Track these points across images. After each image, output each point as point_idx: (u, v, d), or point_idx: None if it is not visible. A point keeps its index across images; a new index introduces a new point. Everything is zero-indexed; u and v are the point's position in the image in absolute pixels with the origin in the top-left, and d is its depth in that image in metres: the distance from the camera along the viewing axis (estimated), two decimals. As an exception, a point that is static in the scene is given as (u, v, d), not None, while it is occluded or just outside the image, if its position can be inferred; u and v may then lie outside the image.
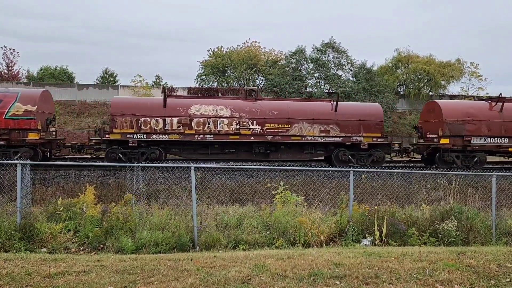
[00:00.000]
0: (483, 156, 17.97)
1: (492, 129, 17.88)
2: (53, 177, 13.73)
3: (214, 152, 17.35)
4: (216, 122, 16.75)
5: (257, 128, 16.89)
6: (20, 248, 6.74)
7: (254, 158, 17.57)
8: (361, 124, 17.54)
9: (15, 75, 41.24)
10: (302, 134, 17.15)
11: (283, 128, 17.08)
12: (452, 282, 5.19)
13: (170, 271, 5.40)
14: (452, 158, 17.70)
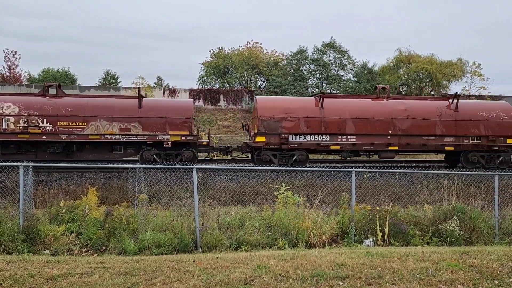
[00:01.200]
0: (303, 154, 16.70)
1: (311, 126, 16.69)
2: (56, 179, 13.75)
3: (8, 152, 16.00)
4: (1, 120, 15.50)
5: (48, 127, 15.72)
6: (23, 250, 6.76)
7: (56, 158, 16.42)
8: (167, 121, 16.29)
9: (17, 78, 41.38)
10: (100, 132, 15.93)
11: (78, 127, 15.88)
12: (455, 282, 5.17)
13: (173, 273, 5.40)
14: (269, 157, 16.56)
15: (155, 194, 10.95)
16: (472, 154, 17.27)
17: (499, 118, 17.49)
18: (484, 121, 17.39)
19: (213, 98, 36.66)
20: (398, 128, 16.95)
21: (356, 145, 16.83)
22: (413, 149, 17.57)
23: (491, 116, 17.49)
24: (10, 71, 41.34)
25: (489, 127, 17.39)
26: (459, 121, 17.25)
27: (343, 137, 16.83)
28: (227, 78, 40.31)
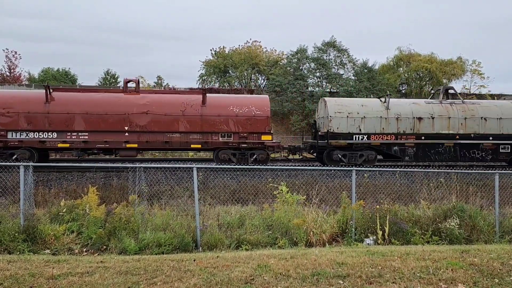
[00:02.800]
0: (24, 154, 15.41)
1: (33, 123, 15.47)
2: (56, 179, 13.75)
3: None
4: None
5: None
6: (23, 250, 6.76)
7: None
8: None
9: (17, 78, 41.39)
10: None
11: None
12: (455, 280, 5.18)
13: (173, 272, 5.40)
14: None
15: (155, 193, 10.95)
16: (222, 152, 16.62)
17: (251, 114, 16.69)
18: (234, 116, 16.56)
19: (213, 97, 36.58)
20: (136, 125, 15.97)
21: (88, 143, 15.80)
22: (155, 146, 16.55)
23: (243, 112, 16.67)
24: (10, 71, 41.33)
25: (240, 123, 16.59)
26: (206, 116, 16.32)
27: (73, 134, 15.75)
28: (227, 77, 40.29)
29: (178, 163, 17.37)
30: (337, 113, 17.56)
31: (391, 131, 17.72)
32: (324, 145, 17.66)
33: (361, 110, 17.68)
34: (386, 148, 17.74)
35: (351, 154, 17.42)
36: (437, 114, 18.03)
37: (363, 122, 17.58)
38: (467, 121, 18.07)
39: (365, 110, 17.71)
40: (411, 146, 17.82)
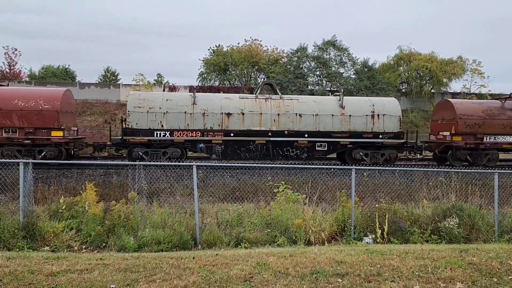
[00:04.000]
0: None
1: None
2: (55, 176, 13.75)
3: None
4: None
5: None
6: (23, 247, 6.77)
7: None
8: None
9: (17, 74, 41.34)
10: None
11: None
12: (454, 279, 5.19)
13: (172, 269, 5.41)
14: None
15: (155, 191, 10.94)
16: (6, 148, 15.86)
17: (38, 108, 15.89)
18: (18, 110, 15.71)
19: (213, 96, 36.58)
20: None
21: None
22: None
23: (29, 105, 15.83)
24: (10, 68, 41.29)
25: (25, 117, 15.72)
26: None
27: None
28: (227, 75, 40.23)
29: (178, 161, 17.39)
30: (136, 108, 16.43)
31: (197, 127, 16.67)
32: (119, 142, 16.66)
33: (165, 104, 16.62)
34: (191, 145, 16.81)
35: (153, 152, 16.45)
36: (248, 109, 17.01)
37: (165, 117, 16.49)
38: (281, 117, 17.08)
39: (168, 105, 16.64)
40: (218, 143, 16.85)
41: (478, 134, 17.85)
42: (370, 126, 17.59)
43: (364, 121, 17.53)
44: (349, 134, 17.41)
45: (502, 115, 18.09)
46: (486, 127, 17.89)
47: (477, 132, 17.86)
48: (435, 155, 19.75)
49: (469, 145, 17.82)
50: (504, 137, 17.99)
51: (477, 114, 18.03)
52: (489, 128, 17.90)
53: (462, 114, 17.98)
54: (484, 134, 17.86)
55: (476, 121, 17.89)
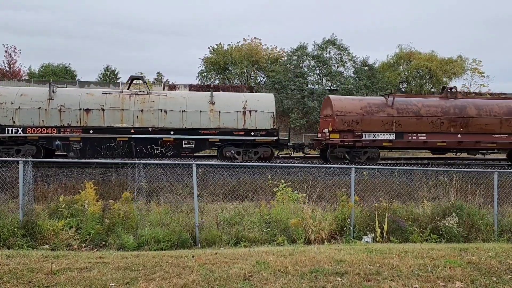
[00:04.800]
0: None
1: None
2: (55, 174, 13.74)
3: None
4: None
5: None
6: (22, 245, 6.77)
7: None
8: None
9: (16, 73, 41.32)
10: None
11: None
12: (453, 278, 5.19)
13: (172, 268, 5.41)
14: None
15: (154, 190, 10.95)
16: None
17: None
18: None
19: (213, 94, 36.57)
20: None
21: None
22: None
23: None
24: (10, 66, 41.26)
25: None
26: None
27: None
28: (227, 74, 40.22)
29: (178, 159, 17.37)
30: None
31: (53, 123, 15.80)
32: None
33: (18, 100, 15.70)
34: (47, 142, 15.82)
35: (5, 149, 15.61)
36: (109, 105, 16.18)
37: (17, 113, 15.59)
38: (145, 114, 16.30)
39: (22, 100, 15.70)
40: (77, 141, 15.97)
41: (356, 132, 17.04)
42: (242, 123, 16.75)
43: (235, 117, 16.74)
44: (218, 131, 16.61)
45: (381, 112, 17.22)
46: (364, 124, 17.06)
47: (355, 130, 17.04)
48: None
49: (347, 143, 17.02)
50: (384, 134, 17.22)
51: (355, 111, 17.11)
52: (367, 125, 17.08)
53: (339, 111, 17.08)
54: (362, 131, 17.08)
55: (354, 118, 17.04)
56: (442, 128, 17.28)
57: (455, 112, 17.40)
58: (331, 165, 11.25)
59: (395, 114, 17.16)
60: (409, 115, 17.21)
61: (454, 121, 17.29)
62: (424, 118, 17.20)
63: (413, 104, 17.49)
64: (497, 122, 17.45)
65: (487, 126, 17.44)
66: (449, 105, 17.57)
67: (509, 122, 17.51)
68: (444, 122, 17.28)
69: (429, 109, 17.38)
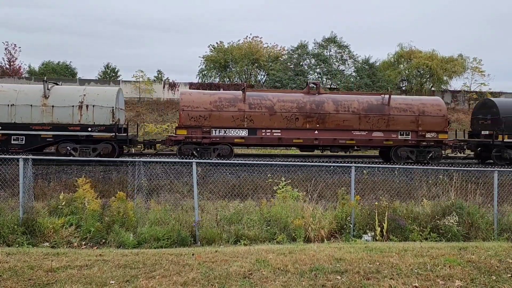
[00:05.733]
0: None
1: None
2: (55, 172, 13.75)
3: None
4: None
5: None
6: (22, 243, 6.78)
7: None
8: None
9: (16, 70, 41.28)
10: None
11: None
12: (453, 277, 5.20)
13: (172, 266, 5.42)
14: None
15: (154, 188, 10.95)
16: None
17: None
18: None
19: (213, 93, 36.61)
20: None
21: None
22: None
23: None
24: (10, 64, 41.21)
25: None
26: None
27: None
28: (228, 72, 40.17)
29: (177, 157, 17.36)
30: None
31: None
32: None
33: None
34: None
35: None
36: None
37: None
38: None
39: None
40: None
41: (205, 128, 16.21)
42: (78, 118, 16.00)
43: (70, 112, 15.96)
44: (52, 127, 15.83)
45: (232, 107, 16.41)
46: (213, 120, 16.26)
47: (203, 125, 16.22)
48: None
49: (195, 139, 16.19)
50: (235, 130, 16.39)
51: (203, 106, 16.30)
52: (217, 121, 16.29)
53: (186, 106, 16.31)
54: (211, 127, 16.26)
55: (202, 114, 16.24)
56: (297, 124, 16.63)
57: (312, 108, 16.74)
58: (331, 163, 11.22)
59: (247, 110, 16.45)
60: (262, 110, 16.51)
61: (310, 117, 16.66)
62: (278, 113, 16.52)
63: (268, 99, 16.78)
64: (355, 118, 16.90)
65: (345, 122, 16.86)
66: (306, 100, 16.88)
67: (368, 118, 16.98)
68: (299, 118, 16.63)
69: (284, 104, 16.67)
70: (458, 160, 19.89)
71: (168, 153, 19.01)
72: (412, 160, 17.29)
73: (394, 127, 17.15)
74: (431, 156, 17.24)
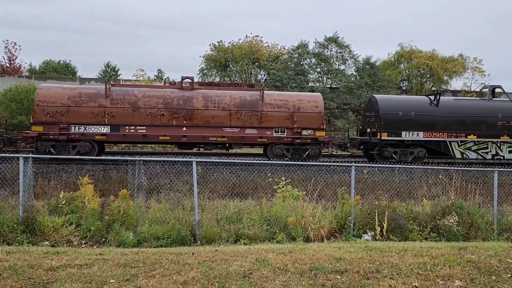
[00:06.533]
0: None
1: None
2: (55, 171, 13.75)
3: None
4: None
5: None
6: (22, 241, 6.78)
7: None
8: None
9: (17, 69, 41.27)
10: None
11: None
12: (453, 277, 5.20)
13: (172, 265, 5.42)
14: None
15: (155, 187, 10.96)
16: None
17: None
18: None
19: (214, 92, 36.68)
20: None
21: None
22: None
23: None
24: (10, 62, 41.21)
25: None
26: None
27: None
28: (228, 71, 40.18)
29: (178, 156, 17.36)
30: None
31: None
32: None
33: None
34: None
35: None
36: None
37: None
38: None
39: None
40: None
41: (62, 124, 15.41)
42: None
43: None
44: None
45: (92, 102, 15.69)
46: (71, 116, 15.50)
47: (60, 121, 15.41)
48: None
49: (52, 136, 15.39)
50: (96, 127, 15.66)
51: (60, 101, 15.49)
52: (75, 117, 15.53)
53: (41, 101, 15.49)
54: (70, 123, 15.50)
55: (59, 109, 15.43)
56: (163, 121, 16.02)
57: (179, 104, 16.14)
58: (331, 163, 11.23)
59: (108, 105, 15.76)
60: (124, 106, 15.85)
61: (177, 113, 16.07)
62: (142, 109, 15.89)
63: (132, 95, 16.12)
64: (226, 115, 16.30)
65: (215, 119, 16.26)
66: (173, 96, 16.30)
67: (239, 114, 16.36)
68: (165, 114, 16.02)
69: (149, 100, 16.05)
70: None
71: (161, 152, 18.92)
72: (288, 158, 16.60)
73: (268, 124, 16.48)
74: (308, 154, 16.60)
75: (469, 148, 17.81)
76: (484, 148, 17.90)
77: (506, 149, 17.94)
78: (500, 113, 17.90)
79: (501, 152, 17.89)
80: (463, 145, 17.76)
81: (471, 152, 17.82)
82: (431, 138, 17.42)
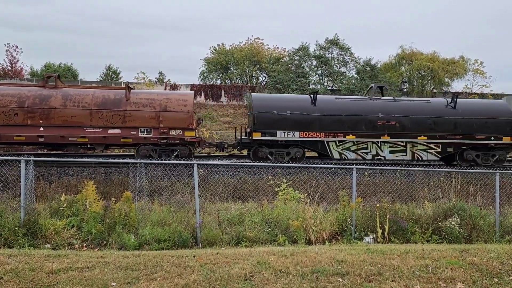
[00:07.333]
0: None
1: None
2: (57, 174, 13.76)
3: None
4: None
5: None
6: (24, 244, 6.78)
7: None
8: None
9: (18, 72, 41.37)
10: None
11: None
12: (455, 279, 5.18)
13: (173, 268, 5.42)
14: None
15: (156, 189, 10.96)
16: None
17: None
18: None
19: (215, 94, 36.66)
20: None
21: None
22: None
23: None
24: (12, 65, 41.30)
25: None
26: None
27: None
28: (229, 74, 40.22)
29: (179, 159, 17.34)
30: None
31: None
32: None
33: None
34: None
35: None
36: None
37: None
38: None
39: None
40: None
41: None
42: None
43: None
44: None
45: None
46: None
47: None
48: None
49: None
50: None
51: None
52: None
53: None
54: None
55: None
56: (17, 120, 15.22)
57: (35, 103, 15.39)
58: (332, 165, 11.20)
59: None
60: None
61: (32, 113, 15.28)
62: None
63: None
64: (86, 114, 15.65)
65: (75, 119, 15.58)
66: (30, 95, 15.57)
67: (101, 114, 15.75)
68: (19, 113, 15.23)
69: (2, 99, 15.27)
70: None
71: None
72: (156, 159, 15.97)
73: (132, 123, 15.90)
74: (176, 155, 16.15)
75: (347, 149, 17.08)
76: (364, 148, 17.11)
77: (387, 149, 17.15)
78: (381, 112, 17.09)
79: (381, 152, 17.10)
80: (342, 145, 17.04)
81: (350, 152, 17.07)
82: (307, 138, 16.67)
